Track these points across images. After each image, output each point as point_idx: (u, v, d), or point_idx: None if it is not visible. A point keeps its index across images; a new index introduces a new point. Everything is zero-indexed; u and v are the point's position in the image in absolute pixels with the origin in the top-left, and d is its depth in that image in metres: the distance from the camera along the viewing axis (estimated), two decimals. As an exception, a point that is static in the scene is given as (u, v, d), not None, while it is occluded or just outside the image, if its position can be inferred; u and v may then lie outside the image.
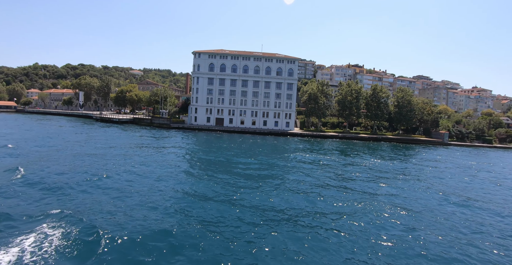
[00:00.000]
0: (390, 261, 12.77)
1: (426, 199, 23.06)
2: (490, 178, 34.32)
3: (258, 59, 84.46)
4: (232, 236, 14.37)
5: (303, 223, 16.36)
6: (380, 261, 12.68)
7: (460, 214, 19.90)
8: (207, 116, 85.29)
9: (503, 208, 21.98)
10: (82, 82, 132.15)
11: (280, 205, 19.28)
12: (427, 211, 20.03)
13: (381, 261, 12.68)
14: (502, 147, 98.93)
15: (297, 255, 12.88)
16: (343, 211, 18.72)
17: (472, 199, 24.04)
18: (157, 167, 29.38)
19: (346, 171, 32.21)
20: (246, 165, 32.43)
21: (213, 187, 22.84)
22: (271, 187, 23.72)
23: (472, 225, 17.85)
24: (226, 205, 18.78)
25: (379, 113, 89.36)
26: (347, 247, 13.81)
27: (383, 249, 13.80)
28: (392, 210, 19.36)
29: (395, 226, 16.68)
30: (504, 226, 18.23)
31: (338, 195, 22.42)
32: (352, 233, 15.42)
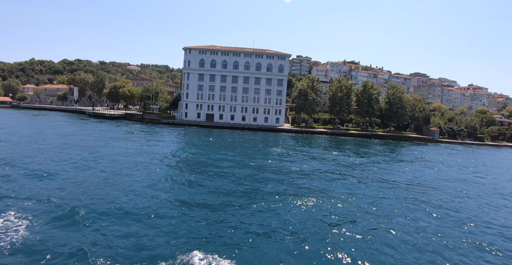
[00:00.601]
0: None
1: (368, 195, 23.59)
2: (451, 175, 34.61)
3: (248, 55, 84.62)
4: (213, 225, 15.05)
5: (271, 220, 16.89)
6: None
7: (396, 208, 20.46)
8: (198, 112, 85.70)
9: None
10: (76, 78, 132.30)
11: (243, 202, 19.83)
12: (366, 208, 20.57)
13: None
14: (494, 145, 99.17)
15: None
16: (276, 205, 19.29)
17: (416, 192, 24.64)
18: (131, 161, 29.98)
19: (309, 167, 32.74)
20: (216, 161, 32.96)
21: (188, 183, 23.30)
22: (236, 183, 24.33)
23: (402, 221, 18.41)
24: (199, 200, 19.39)
25: (370, 110, 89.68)
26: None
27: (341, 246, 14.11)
28: (336, 209, 19.66)
29: (342, 224, 17.21)
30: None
31: (275, 193, 22.65)
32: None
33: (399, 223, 16.70)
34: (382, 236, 14.92)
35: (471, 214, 19.58)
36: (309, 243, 13.86)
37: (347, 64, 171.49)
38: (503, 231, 16.88)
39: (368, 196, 21.72)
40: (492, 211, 20.64)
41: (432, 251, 13.86)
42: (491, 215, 19.79)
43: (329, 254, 13.07)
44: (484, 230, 16.98)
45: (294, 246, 13.57)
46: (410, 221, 17.34)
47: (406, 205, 20.17)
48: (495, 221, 18.56)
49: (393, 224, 16.60)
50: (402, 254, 13.28)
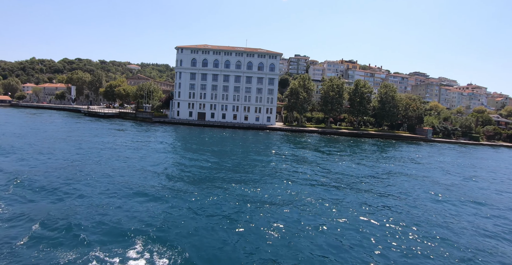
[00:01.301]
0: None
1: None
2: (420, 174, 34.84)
3: (239, 54, 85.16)
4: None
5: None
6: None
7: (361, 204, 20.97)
8: (189, 110, 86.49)
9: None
10: (74, 77, 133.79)
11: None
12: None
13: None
14: (488, 144, 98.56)
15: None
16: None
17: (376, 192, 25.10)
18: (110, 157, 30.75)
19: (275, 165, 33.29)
20: (191, 160, 33.63)
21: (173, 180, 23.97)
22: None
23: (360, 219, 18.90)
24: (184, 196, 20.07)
25: (361, 109, 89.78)
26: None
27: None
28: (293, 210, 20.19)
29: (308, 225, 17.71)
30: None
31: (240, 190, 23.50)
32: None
33: (348, 233, 17.10)
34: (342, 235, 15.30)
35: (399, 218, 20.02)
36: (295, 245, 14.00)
37: (344, 63, 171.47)
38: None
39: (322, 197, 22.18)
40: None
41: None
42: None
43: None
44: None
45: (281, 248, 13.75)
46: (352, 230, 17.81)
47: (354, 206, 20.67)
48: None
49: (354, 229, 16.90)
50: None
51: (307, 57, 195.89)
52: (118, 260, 11.91)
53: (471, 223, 18.05)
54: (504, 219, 19.21)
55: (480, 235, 16.20)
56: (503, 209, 21.48)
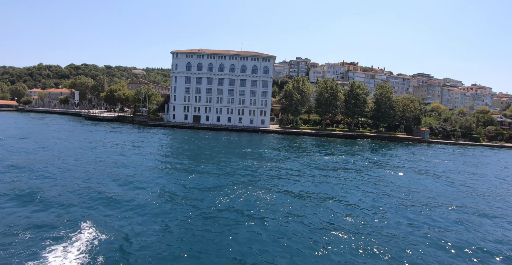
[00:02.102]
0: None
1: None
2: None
3: (233, 57, 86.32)
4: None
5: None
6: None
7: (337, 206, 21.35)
8: (185, 113, 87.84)
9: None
10: (77, 82, 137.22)
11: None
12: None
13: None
14: (489, 145, 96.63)
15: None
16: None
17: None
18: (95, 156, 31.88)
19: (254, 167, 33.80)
20: (179, 160, 34.50)
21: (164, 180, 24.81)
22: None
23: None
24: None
25: (357, 110, 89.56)
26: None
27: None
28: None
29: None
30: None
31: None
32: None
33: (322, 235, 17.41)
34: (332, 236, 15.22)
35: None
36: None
37: (346, 65, 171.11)
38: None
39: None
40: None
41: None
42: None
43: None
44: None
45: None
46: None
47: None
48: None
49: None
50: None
51: (309, 60, 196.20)
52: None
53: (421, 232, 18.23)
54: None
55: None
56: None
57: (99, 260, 12.03)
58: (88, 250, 12.65)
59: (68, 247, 12.94)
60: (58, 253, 12.45)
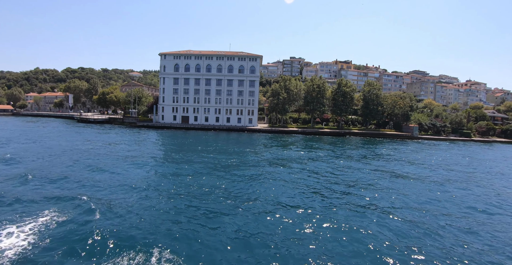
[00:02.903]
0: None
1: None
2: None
3: (220, 58, 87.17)
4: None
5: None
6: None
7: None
8: (174, 114, 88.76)
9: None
10: (71, 85, 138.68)
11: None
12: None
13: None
14: (480, 140, 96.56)
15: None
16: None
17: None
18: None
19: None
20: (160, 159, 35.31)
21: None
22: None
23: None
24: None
25: (344, 108, 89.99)
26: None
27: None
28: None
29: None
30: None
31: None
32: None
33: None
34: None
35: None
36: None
37: (339, 64, 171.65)
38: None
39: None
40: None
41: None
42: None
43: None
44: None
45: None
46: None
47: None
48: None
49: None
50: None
51: (302, 59, 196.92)
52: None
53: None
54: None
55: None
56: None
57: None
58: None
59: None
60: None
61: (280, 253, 12.81)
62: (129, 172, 26.22)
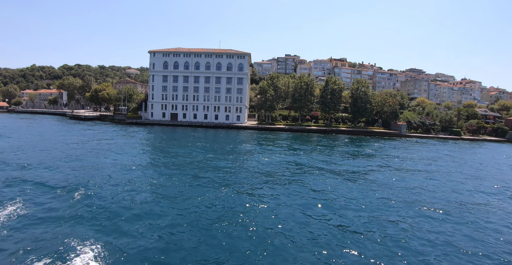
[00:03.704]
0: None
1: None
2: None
3: (208, 55, 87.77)
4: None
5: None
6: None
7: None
8: (163, 111, 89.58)
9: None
10: (65, 83, 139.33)
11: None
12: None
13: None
14: (469, 138, 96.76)
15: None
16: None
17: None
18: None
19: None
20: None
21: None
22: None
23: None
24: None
25: (332, 105, 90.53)
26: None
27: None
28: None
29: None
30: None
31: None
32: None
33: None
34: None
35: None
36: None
37: (333, 61, 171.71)
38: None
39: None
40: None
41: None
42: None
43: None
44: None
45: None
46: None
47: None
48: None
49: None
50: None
51: (297, 57, 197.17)
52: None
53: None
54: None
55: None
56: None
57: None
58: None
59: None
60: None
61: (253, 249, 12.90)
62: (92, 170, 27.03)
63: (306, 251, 12.86)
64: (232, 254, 12.40)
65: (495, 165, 40.57)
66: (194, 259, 11.90)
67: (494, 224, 17.12)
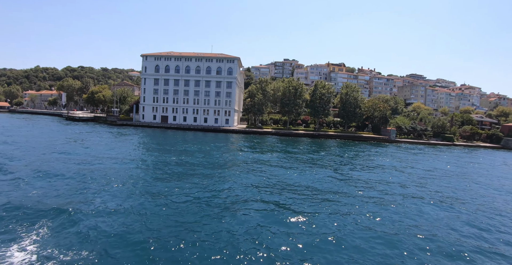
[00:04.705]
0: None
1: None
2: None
3: (199, 59, 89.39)
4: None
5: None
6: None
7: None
8: (153, 114, 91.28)
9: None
10: (64, 84, 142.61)
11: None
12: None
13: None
14: (462, 145, 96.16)
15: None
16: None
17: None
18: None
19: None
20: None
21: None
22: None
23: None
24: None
25: (321, 110, 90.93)
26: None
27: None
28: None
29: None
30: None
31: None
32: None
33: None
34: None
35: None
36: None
37: (330, 66, 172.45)
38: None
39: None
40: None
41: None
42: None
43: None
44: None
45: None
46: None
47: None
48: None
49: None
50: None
51: (296, 61, 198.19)
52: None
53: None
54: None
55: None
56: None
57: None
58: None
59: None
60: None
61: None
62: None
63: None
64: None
65: (440, 172, 38.82)
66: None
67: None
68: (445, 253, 14.27)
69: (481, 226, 18.55)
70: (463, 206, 22.77)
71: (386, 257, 13.54)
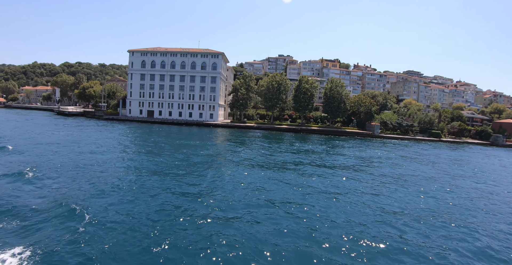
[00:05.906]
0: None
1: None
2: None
3: (184, 55, 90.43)
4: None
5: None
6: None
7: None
8: (140, 108, 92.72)
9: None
10: (58, 80, 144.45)
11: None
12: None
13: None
14: (449, 141, 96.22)
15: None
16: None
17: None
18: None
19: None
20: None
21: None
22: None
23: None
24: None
25: (305, 105, 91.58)
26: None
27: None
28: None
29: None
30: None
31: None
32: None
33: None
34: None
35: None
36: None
37: (323, 62, 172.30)
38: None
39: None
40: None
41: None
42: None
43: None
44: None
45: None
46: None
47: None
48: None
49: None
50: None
51: (290, 57, 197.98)
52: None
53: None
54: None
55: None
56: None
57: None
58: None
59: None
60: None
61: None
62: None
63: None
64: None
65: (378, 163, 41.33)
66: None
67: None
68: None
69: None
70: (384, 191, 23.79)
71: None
